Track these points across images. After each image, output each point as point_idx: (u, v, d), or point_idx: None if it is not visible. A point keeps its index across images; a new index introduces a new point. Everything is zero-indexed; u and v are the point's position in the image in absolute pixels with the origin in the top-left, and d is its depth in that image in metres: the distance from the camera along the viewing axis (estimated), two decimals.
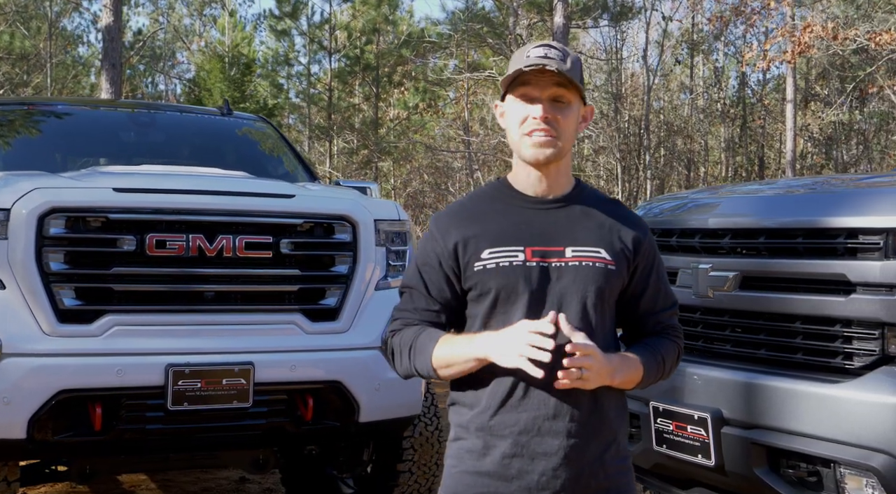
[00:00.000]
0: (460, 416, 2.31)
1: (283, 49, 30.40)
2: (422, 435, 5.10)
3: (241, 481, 6.68)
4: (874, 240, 3.15)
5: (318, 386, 4.48)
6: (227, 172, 5.12)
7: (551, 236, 2.26)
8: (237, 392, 4.30)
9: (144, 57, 35.62)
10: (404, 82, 29.36)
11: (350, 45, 28.58)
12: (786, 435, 3.33)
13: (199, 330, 4.35)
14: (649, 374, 2.27)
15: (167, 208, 4.32)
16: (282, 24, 29.31)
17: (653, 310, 2.34)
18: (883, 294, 3.11)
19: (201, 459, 4.92)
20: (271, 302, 4.49)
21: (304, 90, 29.40)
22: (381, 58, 27.51)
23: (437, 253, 2.31)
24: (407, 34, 26.80)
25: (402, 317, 2.36)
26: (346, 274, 4.60)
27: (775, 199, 3.69)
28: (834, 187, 3.79)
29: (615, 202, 2.38)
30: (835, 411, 3.18)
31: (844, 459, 3.16)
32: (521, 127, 2.28)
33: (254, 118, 6.85)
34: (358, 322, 4.61)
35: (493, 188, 2.40)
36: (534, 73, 2.24)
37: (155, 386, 4.21)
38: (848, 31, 19.13)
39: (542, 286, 2.22)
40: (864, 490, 3.16)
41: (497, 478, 2.23)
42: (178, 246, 4.29)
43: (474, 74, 22.95)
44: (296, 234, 4.52)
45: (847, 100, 23.69)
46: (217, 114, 6.42)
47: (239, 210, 4.42)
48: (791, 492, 3.34)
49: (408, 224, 4.92)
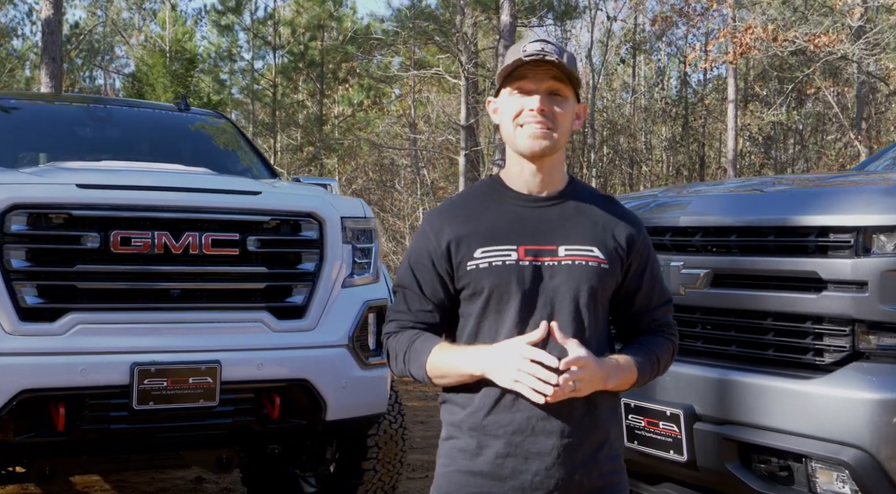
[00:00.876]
0: (453, 415, 2.31)
1: (225, 44, 30.08)
2: (386, 433, 5.10)
3: (198, 481, 6.61)
4: (845, 238, 3.21)
5: (285, 385, 4.45)
6: (190, 169, 5.06)
7: (544, 234, 2.26)
8: (204, 390, 4.25)
9: (82, 51, 35.03)
10: (349, 79, 29.23)
11: (294, 41, 28.37)
12: (758, 431, 3.38)
13: (165, 329, 4.29)
14: (643, 375, 2.29)
15: (132, 205, 4.25)
16: (225, 19, 28.99)
17: (647, 308, 2.35)
18: (854, 291, 3.18)
19: (163, 459, 4.86)
20: (238, 300, 4.45)
21: (247, 86, 29.12)
22: (327, 54, 27.36)
23: (430, 253, 2.31)
24: (353, 31, 26.67)
25: (396, 319, 2.36)
26: (313, 271, 4.57)
27: (746, 198, 3.75)
28: (804, 186, 3.86)
29: (610, 199, 2.38)
30: (807, 407, 3.24)
31: (816, 454, 3.21)
32: (516, 119, 2.27)
33: (212, 113, 6.77)
34: (325, 320, 4.58)
35: (486, 185, 2.39)
36: (531, 66, 2.24)
37: (120, 385, 4.15)
38: (787, 33, 19.46)
39: (535, 285, 2.22)
40: (835, 484, 3.22)
41: (490, 478, 2.23)
42: (144, 243, 4.23)
43: (421, 72, 22.92)
44: (262, 232, 4.48)
45: (786, 101, 24.09)
46: (174, 109, 6.34)
47: (205, 207, 4.37)
48: (762, 487, 3.40)
49: (373, 221, 4.91)
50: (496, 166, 18.92)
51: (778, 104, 24.27)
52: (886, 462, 3.05)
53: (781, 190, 3.77)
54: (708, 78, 27.94)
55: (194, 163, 5.36)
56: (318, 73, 28.31)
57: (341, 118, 29.67)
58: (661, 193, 4.19)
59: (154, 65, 23.98)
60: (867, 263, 3.13)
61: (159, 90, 22.78)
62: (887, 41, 21.26)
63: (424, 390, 10.98)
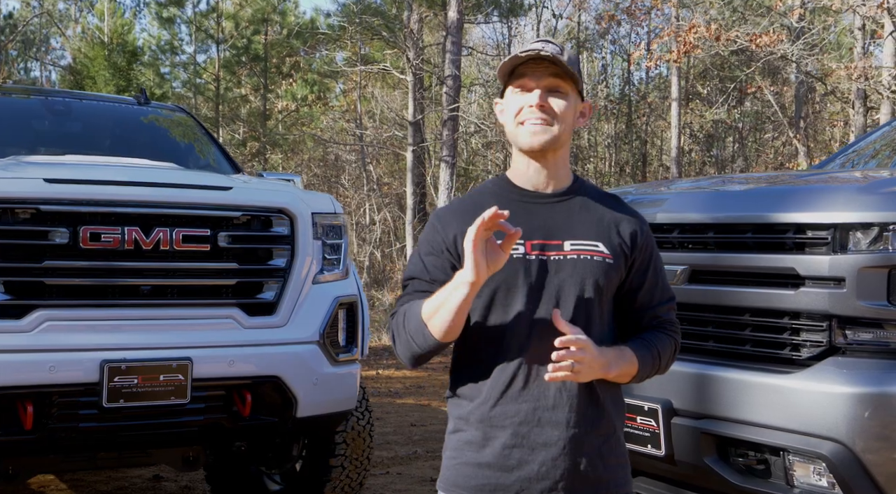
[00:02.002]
0: (460, 408, 2.32)
1: (166, 37, 29.67)
2: (354, 430, 5.10)
3: (156, 479, 6.54)
4: (822, 235, 3.28)
5: (257, 382, 4.43)
6: (157, 163, 5.00)
7: (550, 230, 2.28)
8: (175, 388, 4.21)
9: (17, 42, 34.32)
10: (293, 74, 29.02)
11: (238, 34, 28.08)
12: (735, 425, 3.44)
13: (135, 326, 4.25)
14: (644, 368, 2.32)
15: (102, 200, 4.20)
16: (166, 12, 28.61)
17: (650, 305, 2.38)
18: (831, 287, 3.25)
19: (131, 457, 4.79)
20: (209, 297, 4.41)
21: (189, 80, 28.77)
22: (271, 48, 27.13)
23: (438, 244, 2.33)
24: (297, 25, 26.47)
25: (401, 302, 2.36)
26: (284, 267, 4.55)
27: (723, 195, 3.80)
28: (781, 183, 3.93)
29: (614, 197, 2.41)
30: (785, 401, 3.30)
31: (794, 447, 3.28)
32: (517, 116, 2.30)
33: (172, 107, 6.70)
34: (295, 316, 4.56)
35: (493, 184, 2.41)
36: (530, 64, 2.26)
37: (89, 382, 4.09)
38: (730, 33, 19.73)
39: (541, 279, 2.24)
40: (812, 476, 3.29)
41: (497, 469, 2.25)
42: (113, 238, 4.18)
43: (368, 67, 22.84)
44: (233, 227, 4.45)
45: (727, 100, 24.44)
46: (134, 103, 6.25)
47: (176, 202, 4.33)
48: (739, 480, 3.46)
49: (342, 217, 4.89)
50: (443, 162, 18.92)
51: (720, 102, 24.61)
52: (863, 454, 3.12)
53: (758, 187, 3.83)
54: (650, 76, 28.26)
55: (159, 158, 5.30)
56: (261, 67, 28.05)
57: (285, 113, 29.44)
58: (635, 190, 4.23)
59: (95, 57, 23.55)
60: (845, 260, 3.20)
61: (100, 83, 22.37)
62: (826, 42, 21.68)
63: (377, 386, 10.97)
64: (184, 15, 28.73)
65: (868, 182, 3.49)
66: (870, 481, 3.13)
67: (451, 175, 18.89)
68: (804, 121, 24.35)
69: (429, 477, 6.55)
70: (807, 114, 25.15)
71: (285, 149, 27.90)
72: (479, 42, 30.23)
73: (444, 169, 18.90)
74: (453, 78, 19.18)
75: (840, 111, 27.46)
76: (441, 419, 9.19)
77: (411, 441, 7.84)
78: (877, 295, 3.17)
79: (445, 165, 18.88)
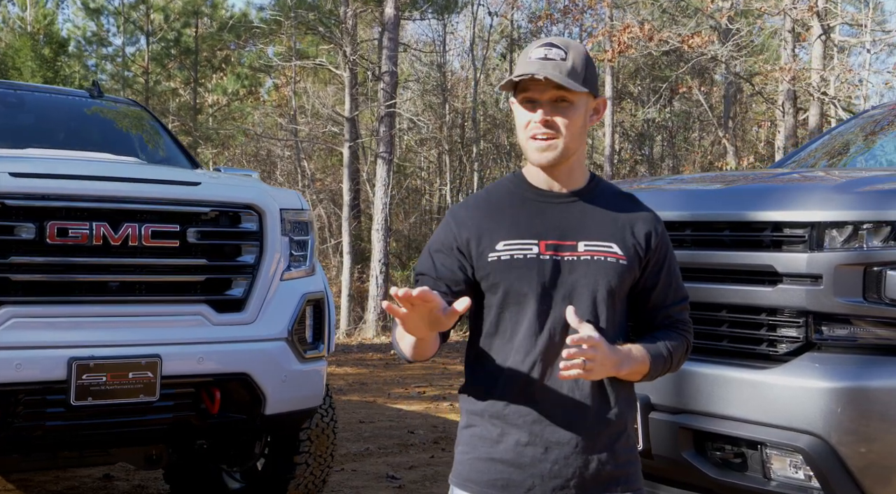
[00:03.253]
0: (473, 404, 2.33)
1: (92, 28, 29.09)
2: (318, 427, 5.08)
3: (106, 479, 6.43)
4: (799, 233, 3.36)
5: (226, 379, 4.40)
6: (121, 158, 4.92)
7: (564, 230, 2.30)
8: (144, 385, 4.16)
9: None
10: (224, 67, 28.69)
11: (168, 27, 27.67)
12: (713, 419, 3.50)
13: (104, 322, 4.19)
14: (656, 367, 2.35)
15: (70, 195, 4.12)
16: (93, 2, 28.06)
17: (663, 304, 2.40)
18: (808, 284, 3.33)
19: (92, 456, 4.72)
20: (177, 293, 4.37)
21: (118, 72, 28.27)
22: (203, 41, 26.79)
23: (451, 241, 2.33)
24: (229, 18, 26.17)
25: None
26: (253, 264, 4.52)
27: (701, 193, 3.87)
28: (757, 182, 4.01)
29: (630, 197, 2.43)
30: (762, 395, 3.37)
31: (772, 441, 3.35)
32: (525, 131, 2.31)
33: (126, 101, 6.59)
34: (264, 313, 4.53)
35: (509, 181, 2.42)
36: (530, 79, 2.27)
37: (57, 380, 4.02)
38: (662, 34, 20.03)
39: (554, 279, 2.26)
40: (788, 469, 3.37)
41: (510, 465, 2.26)
42: (81, 234, 4.11)
43: (304, 62, 22.68)
44: (202, 223, 4.40)
45: (659, 99, 24.81)
46: (86, 96, 6.13)
47: (146, 197, 4.27)
48: (716, 473, 3.52)
49: (309, 214, 4.87)
50: (380, 158, 18.89)
51: (652, 102, 24.97)
52: (839, 447, 3.21)
53: (735, 186, 3.91)
54: None
55: (118, 152, 5.21)
56: (192, 60, 27.68)
57: (216, 107, 29.11)
58: None
59: (21, 48, 23.02)
60: (823, 257, 3.28)
61: (26, 74, 21.88)
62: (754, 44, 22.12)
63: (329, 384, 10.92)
64: (111, 6, 28.21)
65: (843, 181, 3.58)
66: (846, 473, 3.21)
67: (388, 171, 18.88)
68: (732, 121, 24.83)
69: (384, 474, 6.56)
70: (735, 115, 25.65)
71: (217, 144, 27.57)
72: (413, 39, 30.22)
73: (382, 165, 18.87)
74: (390, 74, 19.17)
75: (765, 111, 28.10)
76: (388, 416, 9.20)
77: (362, 438, 7.83)
78: (853, 291, 3.26)
79: (382, 162, 18.85)
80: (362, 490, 6.12)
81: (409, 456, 7.22)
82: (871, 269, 3.25)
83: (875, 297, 3.25)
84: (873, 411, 3.20)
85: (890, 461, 3.19)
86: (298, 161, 25.05)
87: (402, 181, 25.72)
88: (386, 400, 10.28)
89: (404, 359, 2.34)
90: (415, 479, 6.45)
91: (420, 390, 11.02)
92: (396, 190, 23.49)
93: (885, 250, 3.24)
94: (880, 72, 21.21)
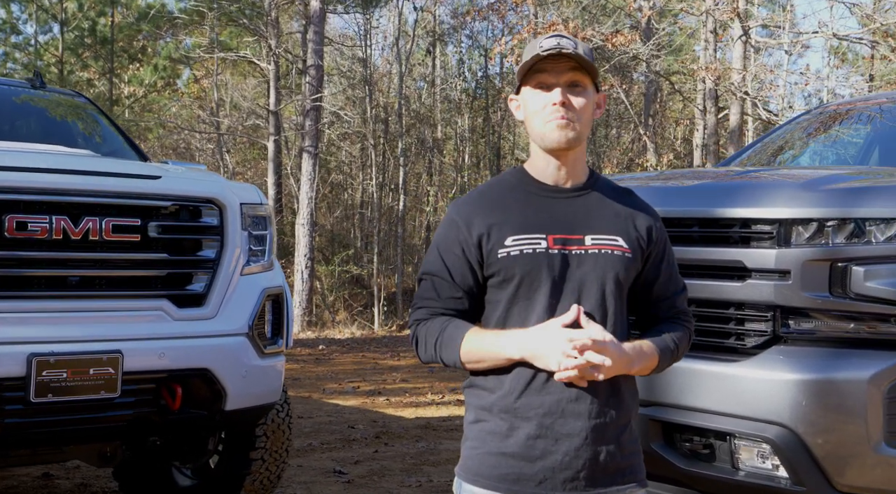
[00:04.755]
0: (481, 399, 2.36)
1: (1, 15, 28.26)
2: (274, 422, 5.05)
3: (46, 477, 6.30)
4: (767, 229, 3.47)
5: (187, 374, 4.35)
6: (76, 151, 4.82)
7: (571, 224, 2.34)
8: (105, 381, 4.09)
9: None
10: (141, 58, 28.15)
11: (82, 15, 27.04)
12: (682, 411, 3.60)
13: (64, 318, 4.11)
14: (664, 361, 2.41)
15: (30, 188, 4.03)
16: None
17: (665, 296, 2.47)
18: (776, 279, 3.44)
19: (45, 454, 4.62)
20: (138, 288, 4.30)
21: (30, 62, 27.52)
22: (120, 31, 26.25)
23: (461, 241, 2.34)
24: (147, 8, 25.67)
25: (426, 306, 2.38)
26: (214, 258, 4.47)
27: (670, 190, 3.96)
28: (724, 180, 4.11)
29: (628, 191, 2.48)
30: (732, 388, 3.48)
31: (740, 431, 3.46)
32: (540, 114, 2.34)
33: (70, 93, 6.44)
34: (224, 308, 4.49)
35: (511, 176, 2.45)
36: (550, 60, 2.31)
37: (15, 377, 3.93)
38: (586, 32, 20.28)
39: (563, 273, 2.30)
40: (756, 459, 3.48)
41: (521, 459, 2.29)
42: (41, 228, 4.03)
43: (228, 54, 22.38)
44: (163, 217, 4.34)
45: None
46: (28, 86, 5.97)
47: (106, 191, 4.19)
48: (685, 464, 3.62)
49: (268, 208, 4.84)
50: (306, 153, 18.77)
51: None
52: (806, 437, 3.32)
53: (703, 183, 4.00)
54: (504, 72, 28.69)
55: (69, 144, 5.11)
56: (108, 50, 27.10)
57: (133, 99, 28.56)
58: None
59: None
60: (791, 253, 3.39)
61: None
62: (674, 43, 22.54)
63: None
64: None
65: (809, 179, 3.70)
66: (812, 461, 3.33)
67: (313, 165, 18.77)
68: (652, 119, 25.24)
69: (331, 469, 6.55)
70: (654, 113, 26.09)
71: (135, 136, 27.04)
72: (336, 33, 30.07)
73: (307, 159, 18.76)
74: (316, 67, 19.06)
75: (683, 110, 28.65)
76: (326, 411, 9.17)
77: (303, 434, 7.80)
78: (819, 286, 3.38)
79: (308, 156, 18.74)
80: (311, 485, 6.11)
81: (353, 451, 7.22)
82: (837, 265, 3.37)
83: (840, 292, 3.37)
84: (838, 402, 3.32)
85: (853, 449, 3.31)
86: (221, 154, 24.73)
87: (327, 176, 25.59)
88: (321, 395, 10.25)
89: (447, 365, 2.37)
90: (362, 474, 6.45)
91: (354, 385, 11.00)
92: (322, 185, 23.36)
93: (850, 246, 3.37)
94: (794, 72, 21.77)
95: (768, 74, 18.25)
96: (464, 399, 2.45)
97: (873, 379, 3.26)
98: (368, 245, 24.98)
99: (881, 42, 16.76)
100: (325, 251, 24.49)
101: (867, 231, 3.35)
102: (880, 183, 3.63)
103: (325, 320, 20.76)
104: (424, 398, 10.21)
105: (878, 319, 3.33)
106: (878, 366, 3.28)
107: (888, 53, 17.07)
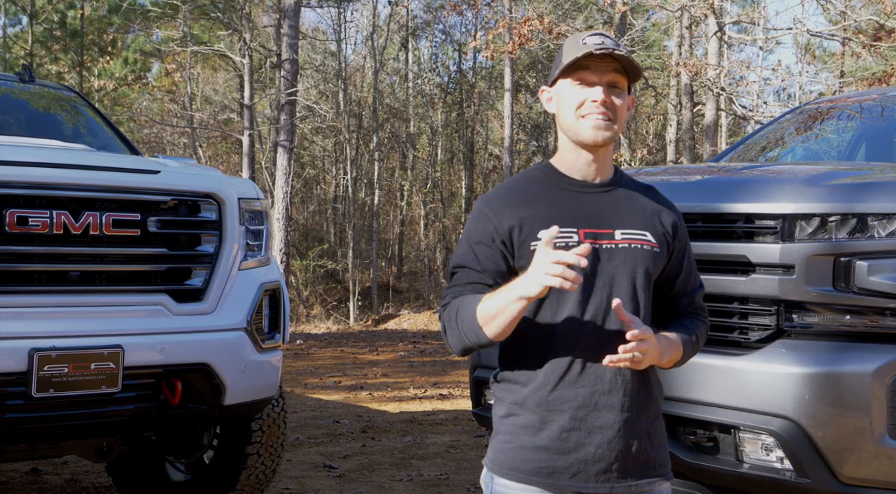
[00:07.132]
0: (513, 394, 2.37)
1: None
2: (269, 417, 5.05)
3: (34, 473, 6.26)
4: (771, 224, 3.51)
5: (187, 369, 4.34)
6: (71, 145, 4.79)
7: (601, 219, 2.37)
8: (106, 376, 4.08)
9: None
10: (112, 51, 27.91)
11: (52, 8, 26.77)
12: (686, 405, 3.64)
13: (65, 312, 4.09)
14: (686, 354, 2.45)
15: (31, 182, 4.01)
16: None
17: (685, 291, 2.51)
18: (781, 274, 3.48)
19: (42, 449, 4.60)
20: (138, 283, 4.30)
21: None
22: (90, 24, 26.01)
23: (492, 233, 2.35)
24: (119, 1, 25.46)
25: (451, 293, 2.39)
26: (212, 253, 4.47)
27: (675, 185, 3.99)
28: (729, 175, 4.15)
29: (650, 188, 2.52)
30: (736, 381, 3.52)
31: (745, 424, 3.51)
32: (578, 110, 2.36)
33: (59, 86, 6.39)
34: (223, 302, 4.49)
35: (539, 171, 2.46)
36: (595, 59, 2.33)
37: (17, 371, 3.92)
38: (561, 27, 20.34)
39: (594, 267, 2.32)
40: (760, 452, 3.53)
41: (554, 452, 2.31)
42: (42, 223, 4.01)
43: (203, 48, 22.25)
44: (162, 212, 4.33)
45: None
46: (16, 80, 5.92)
47: (106, 185, 4.18)
48: (689, 457, 3.67)
49: (265, 203, 4.84)
50: (281, 147, 18.71)
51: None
52: (810, 429, 3.38)
53: (708, 178, 4.04)
54: (479, 67, 28.74)
55: (63, 139, 5.07)
56: (78, 43, 26.86)
57: (103, 92, 28.32)
58: None
59: None
60: (796, 248, 3.44)
61: None
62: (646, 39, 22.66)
63: None
64: None
65: (813, 174, 3.75)
66: (816, 453, 3.38)
67: (288, 160, 18.71)
68: None
69: (321, 463, 6.56)
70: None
71: None
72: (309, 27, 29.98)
73: (283, 153, 18.70)
74: (291, 61, 18.98)
75: (655, 105, 28.80)
76: (310, 406, 9.17)
77: (289, 428, 7.78)
78: (823, 281, 3.43)
79: (283, 150, 18.68)
80: (303, 479, 6.11)
81: (341, 446, 7.23)
82: (840, 259, 3.42)
83: (844, 286, 3.42)
84: (842, 395, 3.37)
85: (857, 441, 3.37)
86: (194, 148, 24.59)
87: (301, 171, 25.51)
88: (303, 390, 10.24)
89: (474, 346, 2.32)
90: (352, 468, 6.46)
91: (335, 380, 11.00)
92: (297, 180, 23.30)
93: (854, 241, 3.42)
94: (766, 69, 21.95)
95: (744, 70, 18.41)
96: (492, 392, 2.47)
97: (877, 373, 3.32)
98: (343, 240, 24.95)
99: (853, 39, 16.92)
100: (298, 246, 24.44)
101: (870, 226, 3.41)
102: (883, 178, 3.69)
103: (300, 315, 20.73)
104: (407, 392, 10.23)
105: (881, 313, 3.39)
106: (881, 360, 3.34)
107: (859, 50, 17.23)
